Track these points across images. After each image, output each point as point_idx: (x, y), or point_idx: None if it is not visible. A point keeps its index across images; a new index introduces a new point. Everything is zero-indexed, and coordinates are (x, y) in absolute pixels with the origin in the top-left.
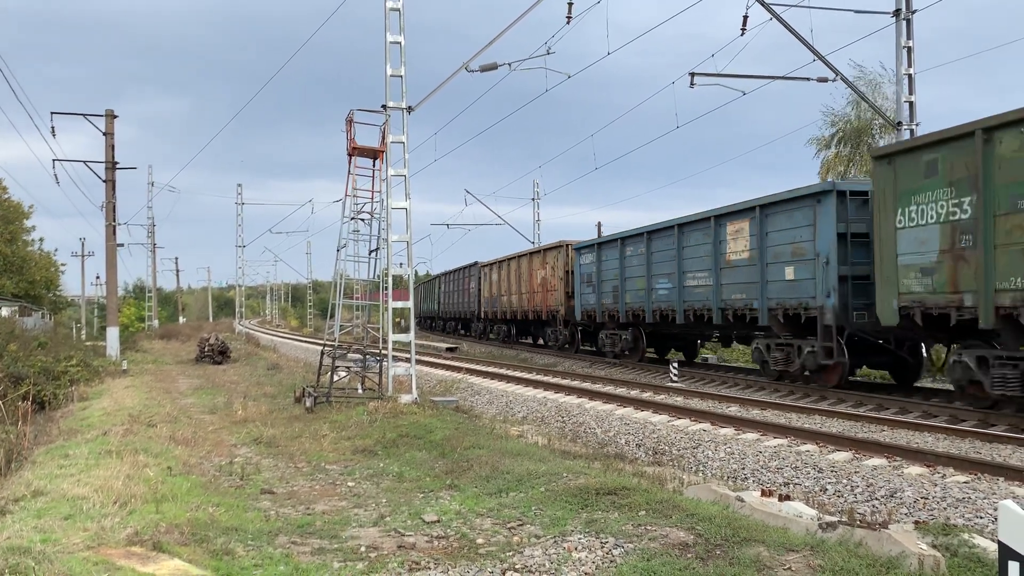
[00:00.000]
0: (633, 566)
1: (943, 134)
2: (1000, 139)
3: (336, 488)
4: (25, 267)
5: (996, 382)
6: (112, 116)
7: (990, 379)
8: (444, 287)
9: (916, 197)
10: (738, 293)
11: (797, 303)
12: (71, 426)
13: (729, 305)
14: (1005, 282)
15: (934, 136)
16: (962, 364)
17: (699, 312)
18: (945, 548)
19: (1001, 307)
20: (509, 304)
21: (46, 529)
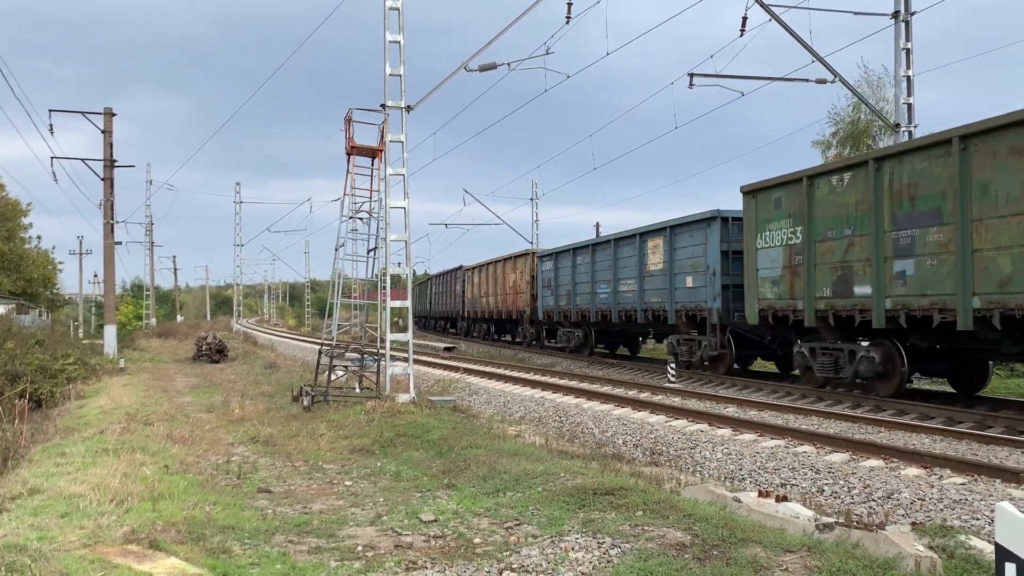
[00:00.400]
0: (630, 566)
1: (785, 178)
2: (818, 185)
3: (333, 487)
4: (23, 265)
5: (819, 367)
6: (111, 114)
7: (817, 365)
8: (434, 288)
9: (769, 225)
10: (655, 297)
11: (695, 306)
12: (68, 424)
13: (649, 307)
14: (819, 292)
15: (779, 179)
16: (800, 354)
17: (629, 313)
18: (942, 550)
19: (818, 310)
20: (487, 305)
21: (42, 527)
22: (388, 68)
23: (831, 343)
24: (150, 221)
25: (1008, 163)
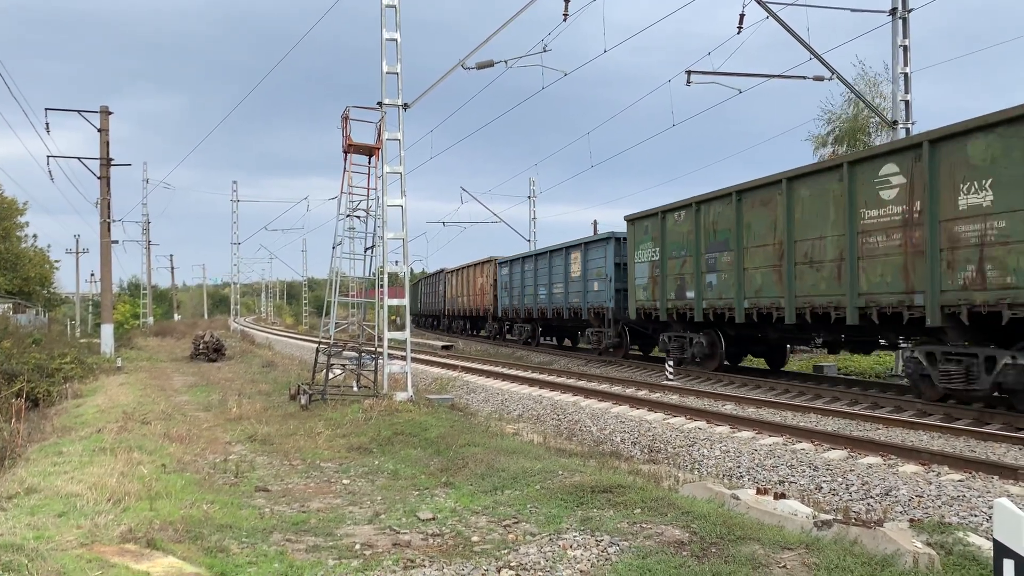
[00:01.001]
0: (628, 564)
1: (649, 212)
2: (668, 218)
3: (331, 486)
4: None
5: (672, 350)
6: (107, 112)
7: (671, 348)
8: (423, 289)
9: (641, 246)
10: (575, 298)
11: (599, 305)
12: (65, 423)
13: (572, 306)
14: (668, 295)
15: (646, 212)
16: (663, 340)
17: (559, 310)
18: (940, 546)
19: (667, 309)
20: (463, 304)
21: (39, 526)
22: (385, 66)
23: (679, 333)
24: (147, 220)
25: (757, 211)
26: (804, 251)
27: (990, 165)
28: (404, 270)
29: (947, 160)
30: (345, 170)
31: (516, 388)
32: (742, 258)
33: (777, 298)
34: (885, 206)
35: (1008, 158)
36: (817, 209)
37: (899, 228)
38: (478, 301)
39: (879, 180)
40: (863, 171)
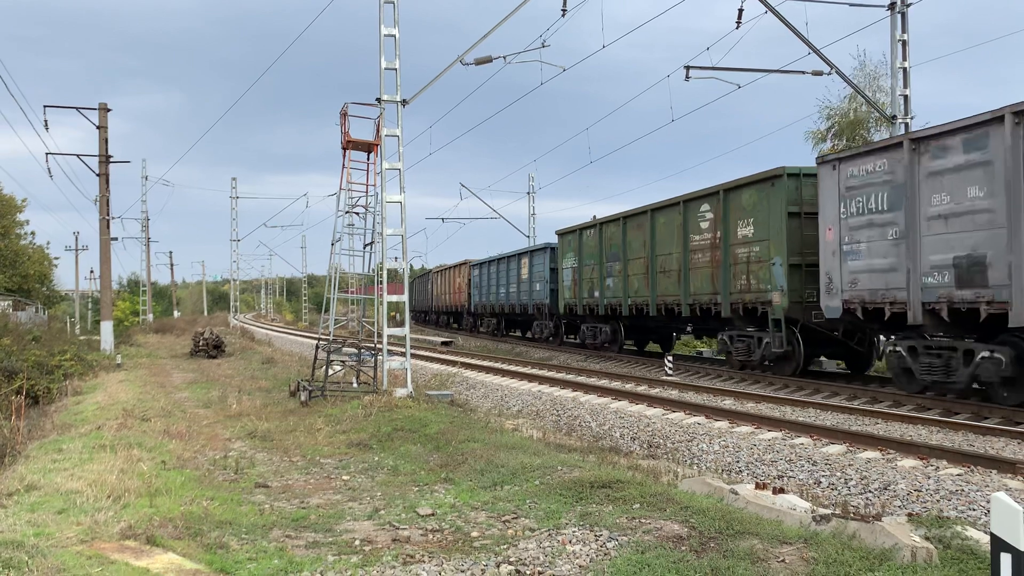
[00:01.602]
0: (627, 559)
1: (572, 228)
2: (583, 234)
3: (331, 482)
4: (18, 261)
5: (588, 338)
6: (105, 109)
7: (587, 336)
8: (417, 287)
9: (567, 255)
10: (524, 297)
11: (540, 302)
12: (65, 420)
13: (523, 303)
14: (583, 295)
15: (570, 228)
16: (582, 331)
17: (514, 306)
18: (938, 540)
19: (583, 305)
20: (445, 301)
21: (39, 523)
22: (383, 62)
23: (592, 324)
24: (146, 217)
25: (634, 232)
26: (661, 263)
27: (752, 209)
28: (403, 266)
29: (733, 203)
30: (344, 166)
31: (515, 384)
32: (626, 267)
33: (646, 297)
34: (703, 233)
35: (761, 205)
36: (668, 233)
37: (709, 249)
38: (456, 299)
39: (700, 214)
40: (692, 207)
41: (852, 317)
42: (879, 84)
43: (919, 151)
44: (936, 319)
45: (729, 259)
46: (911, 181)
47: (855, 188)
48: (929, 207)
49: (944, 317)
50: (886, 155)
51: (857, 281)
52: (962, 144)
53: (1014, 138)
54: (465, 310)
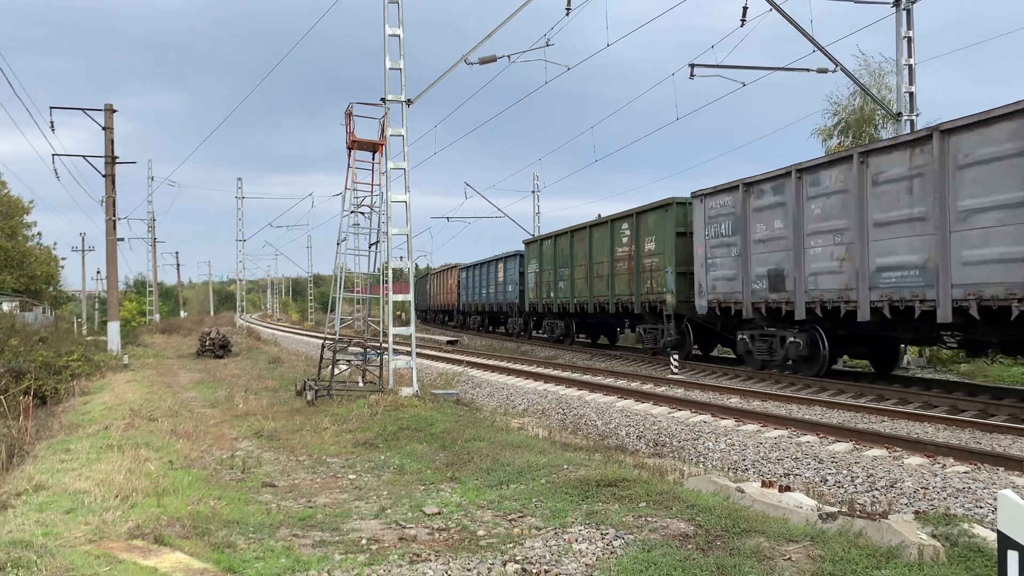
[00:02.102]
0: (634, 557)
1: (535, 238)
2: (543, 244)
3: (337, 481)
4: (25, 262)
5: (547, 332)
6: (111, 110)
7: (546, 330)
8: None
9: (531, 261)
10: (501, 297)
11: (512, 302)
12: (72, 421)
13: (499, 303)
14: (544, 295)
15: (534, 238)
16: (544, 326)
17: (492, 306)
18: (945, 538)
19: (543, 304)
20: (439, 300)
21: (48, 523)
22: (388, 62)
23: (551, 321)
24: (152, 217)
25: (579, 244)
26: (596, 270)
27: (654, 229)
28: (408, 266)
29: (642, 224)
30: (349, 166)
31: (521, 383)
32: (573, 273)
33: (587, 297)
34: (624, 247)
35: (659, 226)
36: (601, 246)
37: (627, 259)
38: (448, 299)
39: (621, 232)
40: (616, 226)
41: (713, 314)
42: (885, 81)
43: (749, 192)
44: (759, 314)
45: (640, 267)
46: (744, 214)
47: (713, 217)
48: (754, 233)
49: (764, 313)
50: (730, 194)
51: (715, 287)
52: (771, 189)
53: (798, 187)
54: (455, 309)
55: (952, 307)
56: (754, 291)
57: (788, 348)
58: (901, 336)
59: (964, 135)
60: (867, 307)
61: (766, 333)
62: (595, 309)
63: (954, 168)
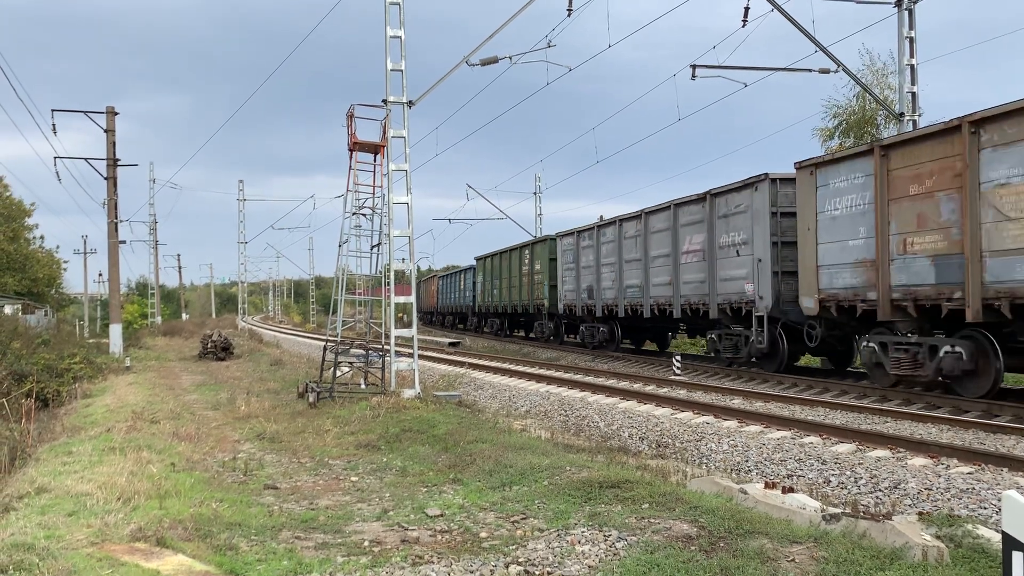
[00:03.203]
0: (636, 559)
1: (483, 255)
2: (484, 261)
3: (339, 483)
4: (28, 265)
5: (491, 329)
6: (113, 113)
7: (493, 328)
8: None
9: (479, 273)
10: (461, 301)
11: (467, 304)
12: (75, 423)
13: (460, 305)
14: (486, 300)
15: (480, 256)
16: (490, 323)
17: (458, 307)
18: (949, 539)
19: (491, 307)
20: (425, 304)
21: (50, 525)
22: (389, 63)
23: (491, 318)
24: (154, 220)
25: (504, 262)
26: (511, 281)
27: (539, 255)
28: (411, 267)
29: (534, 252)
30: (351, 168)
31: (523, 384)
32: (502, 283)
33: (508, 302)
34: (525, 266)
35: (540, 254)
36: (516, 264)
37: (527, 275)
38: (431, 302)
39: (524, 256)
40: (522, 251)
41: (567, 312)
42: (887, 81)
43: (581, 236)
44: (585, 313)
45: (533, 281)
46: (576, 251)
47: (564, 251)
48: (581, 262)
49: (585, 312)
50: (570, 237)
51: (566, 295)
52: (587, 236)
53: (598, 235)
54: (435, 310)
55: (680, 308)
56: (581, 298)
57: (599, 335)
58: (668, 327)
59: (653, 216)
60: (648, 309)
61: (590, 326)
62: (513, 310)
63: (648, 232)
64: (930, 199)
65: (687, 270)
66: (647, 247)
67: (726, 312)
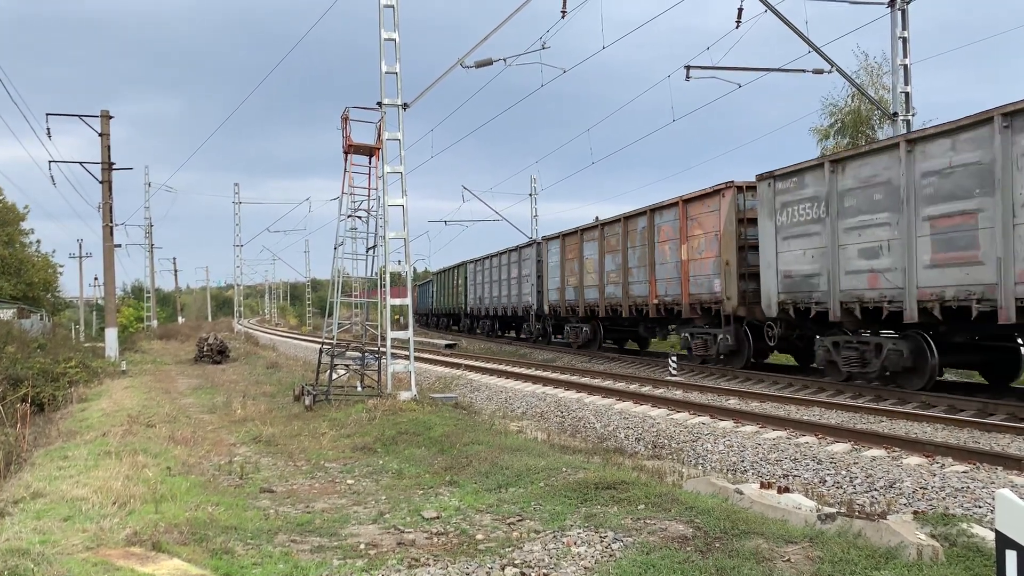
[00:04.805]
0: (632, 560)
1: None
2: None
3: (335, 486)
4: (23, 269)
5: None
6: (107, 117)
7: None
8: None
9: (434, 285)
10: (426, 306)
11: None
12: (70, 427)
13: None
14: (439, 305)
15: (436, 271)
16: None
17: (428, 311)
18: (944, 538)
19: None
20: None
21: (45, 531)
22: (384, 66)
23: (442, 319)
24: (149, 223)
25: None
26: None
27: (460, 274)
28: (406, 270)
29: (460, 272)
30: (346, 171)
31: (519, 386)
32: (446, 293)
33: (450, 307)
34: (457, 280)
35: (460, 273)
36: (452, 280)
37: (457, 287)
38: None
39: (457, 275)
40: (455, 271)
41: (475, 313)
42: (882, 82)
43: (479, 263)
44: (489, 313)
45: (465, 292)
46: (478, 273)
47: (476, 272)
48: (484, 279)
49: (484, 313)
50: (475, 264)
51: (480, 300)
52: (489, 261)
53: (505, 260)
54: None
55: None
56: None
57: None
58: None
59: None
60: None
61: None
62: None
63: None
64: None
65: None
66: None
67: None
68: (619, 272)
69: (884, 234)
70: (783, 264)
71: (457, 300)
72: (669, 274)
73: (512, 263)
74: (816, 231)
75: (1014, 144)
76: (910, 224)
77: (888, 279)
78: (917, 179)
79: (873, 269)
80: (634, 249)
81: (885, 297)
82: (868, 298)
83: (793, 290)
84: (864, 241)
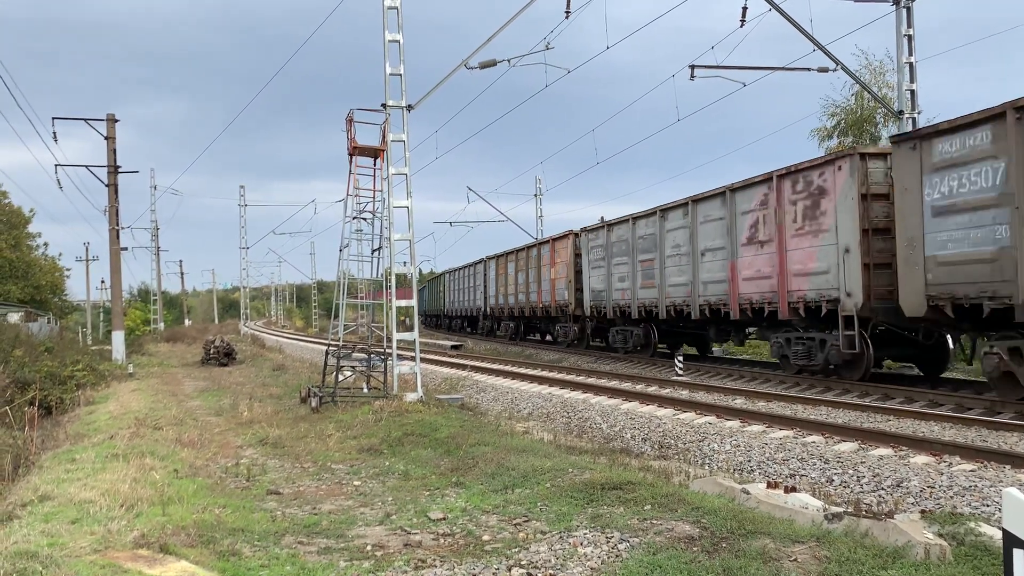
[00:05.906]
0: (639, 560)
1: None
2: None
3: (342, 487)
4: (30, 272)
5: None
6: (113, 120)
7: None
8: None
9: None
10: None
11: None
12: (78, 430)
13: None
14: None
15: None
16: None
17: (425, 313)
18: (951, 537)
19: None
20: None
21: (53, 533)
22: (388, 67)
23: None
24: (155, 226)
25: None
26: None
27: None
28: (412, 271)
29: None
30: (351, 173)
31: (526, 387)
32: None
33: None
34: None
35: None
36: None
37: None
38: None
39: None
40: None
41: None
42: (886, 80)
43: (453, 274)
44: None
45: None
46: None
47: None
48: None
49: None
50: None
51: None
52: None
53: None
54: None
55: None
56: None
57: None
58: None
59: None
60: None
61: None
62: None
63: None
64: None
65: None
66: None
67: None
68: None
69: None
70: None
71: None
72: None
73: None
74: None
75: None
76: None
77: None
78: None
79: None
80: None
81: None
82: None
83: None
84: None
